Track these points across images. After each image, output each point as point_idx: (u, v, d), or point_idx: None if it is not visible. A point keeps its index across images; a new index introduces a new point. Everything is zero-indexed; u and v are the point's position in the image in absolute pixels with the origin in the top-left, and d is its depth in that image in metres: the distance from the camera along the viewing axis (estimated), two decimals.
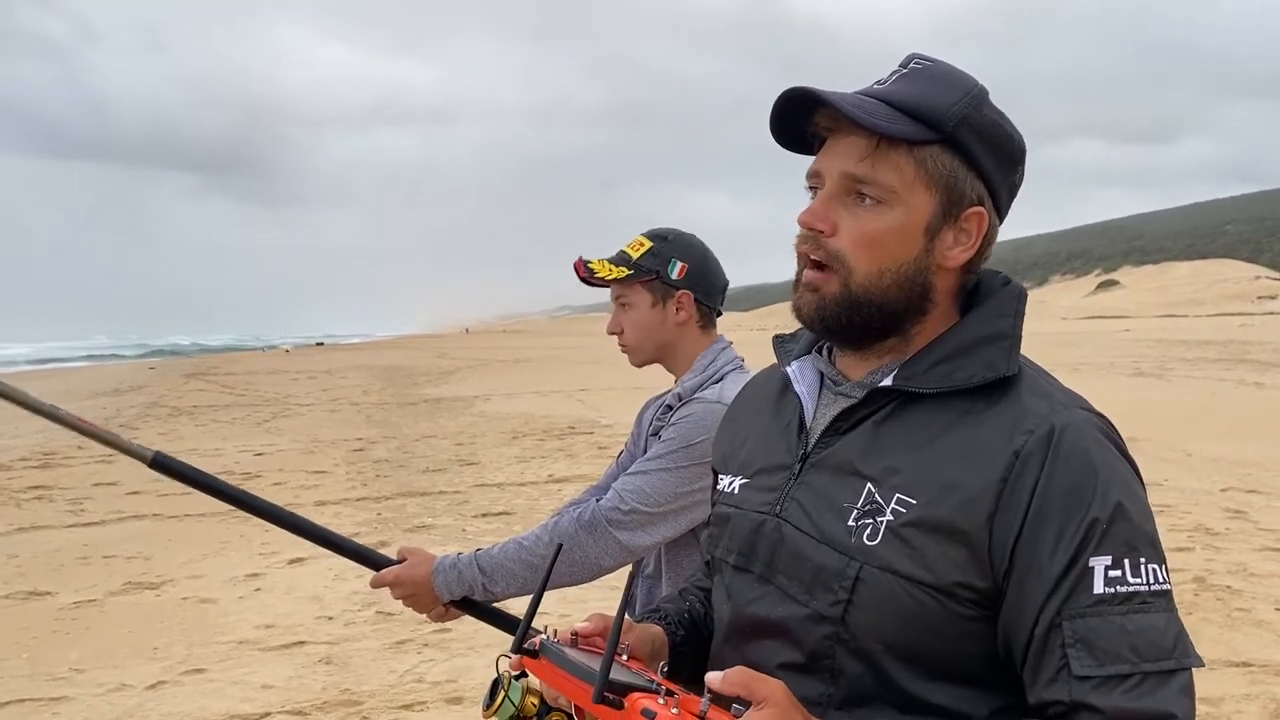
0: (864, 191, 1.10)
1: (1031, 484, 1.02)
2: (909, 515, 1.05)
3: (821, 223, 1.12)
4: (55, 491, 9.45)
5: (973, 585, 1.03)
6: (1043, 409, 1.07)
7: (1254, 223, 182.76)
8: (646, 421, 2.14)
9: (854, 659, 1.08)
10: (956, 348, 1.12)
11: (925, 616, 1.04)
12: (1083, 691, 0.98)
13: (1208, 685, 4.25)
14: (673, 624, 1.31)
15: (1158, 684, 0.97)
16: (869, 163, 1.09)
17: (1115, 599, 0.99)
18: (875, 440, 1.12)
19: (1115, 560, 1.00)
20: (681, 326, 2.08)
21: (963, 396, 1.10)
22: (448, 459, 11.05)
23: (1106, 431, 1.09)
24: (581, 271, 2.08)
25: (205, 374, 28.73)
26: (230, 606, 5.79)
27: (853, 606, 1.07)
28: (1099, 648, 0.98)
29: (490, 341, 53.86)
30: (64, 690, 4.55)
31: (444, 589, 1.89)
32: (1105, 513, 1.01)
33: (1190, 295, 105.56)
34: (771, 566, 1.15)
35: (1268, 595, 5.44)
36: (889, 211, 1.10)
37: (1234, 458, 9.71)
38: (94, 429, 1.65)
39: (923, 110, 1.09)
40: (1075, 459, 1.03)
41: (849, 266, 1.11)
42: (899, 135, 1.08)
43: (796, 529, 1.13)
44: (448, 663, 4.75)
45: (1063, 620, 1.00)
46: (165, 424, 15.40)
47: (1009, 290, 1.17)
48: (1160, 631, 0.99)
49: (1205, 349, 25.90)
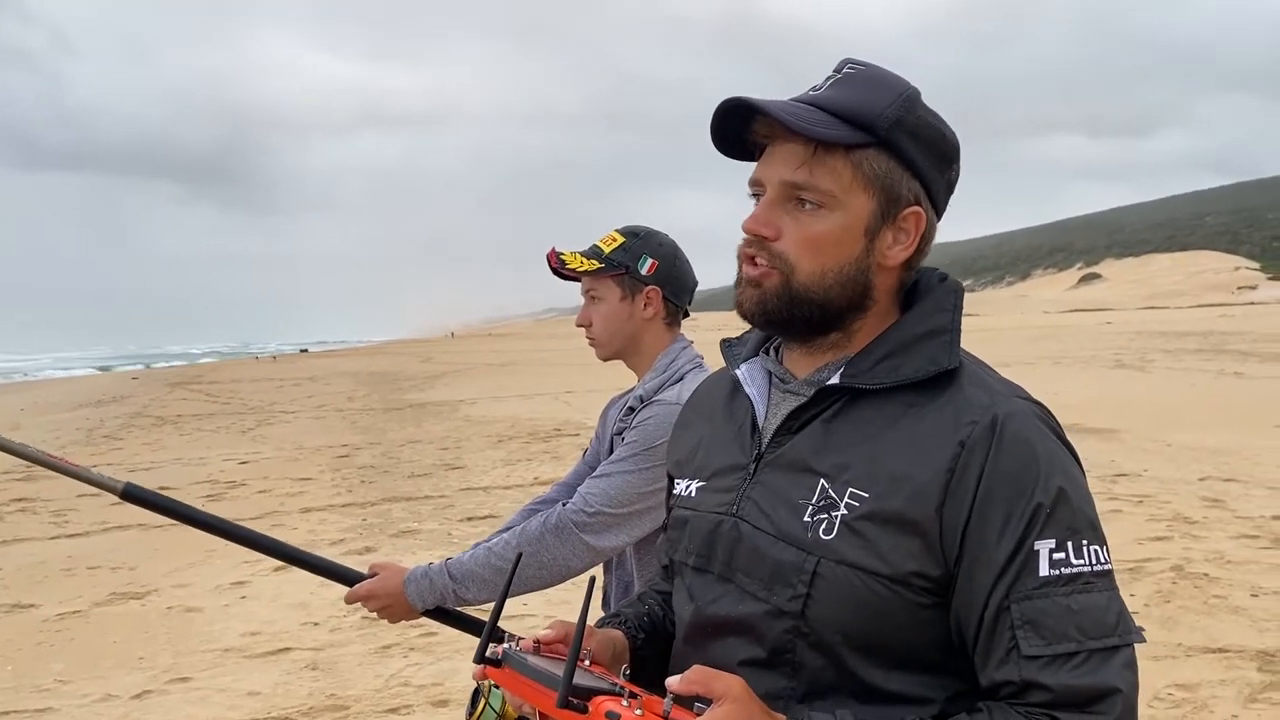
0: (804, 197, 1.13)
1: (977, 473, 1.06)
2: (862, 509, 1.08)
3: (765, 228, 1.15)
4: (39, 504, 9.41)
5: (926, 574, 1.07)
6: (984, 400, 1.10)
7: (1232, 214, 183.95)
8: (610, 421, 2.17)
9: (814, 652, 1.10)
10: (899, 344, 1.15)
11: (882, 607, 1.07)
12: (1032, 670, 1.01)
13: (1185, 671, 4.31)
14: (633, 628, 1.32)
15: (1103, 660, 1.01)
16: (807, 169, 1.12)
17: (1060, 580, 1.03)
18: (826, 438, 1.14)
19: (1059, 543, 1.04)
20: (648, 322, 2.11)
21: (907, 390, 1.13)
22: (433, 464, 11.05)
23: (1045, 419, 1.13)
24: (553, 261, 2.11)
25: (189, 383, 28.60)
26: (216, 615, 5.79)
27: (811, 600, 1.09)
28: (1046, 628, 1.02)
29: (476, 345, 53.78)
30: (49, 701, 4.55)
31: (417, 599, 1.92)
32: (1048, 498, 1.05)
33: (1171, 287, 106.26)
34: (730, 565, 1.17)
35: (1244, 582, 5.51)
36: (829, 215, 1.13)
37: (1213, 447, 9.81)
38: (63, 465, 1.66)
39: (857, 114, 1.11)
40: (1018, 447, 1.07)
41: (791, 265, 1.14)
42: (834, 140, 1.11)
43: (754, 527, 1.15)
44: (433, 666, 4.77)
45: (1011, 603, 1.03)
46: (149, 434, 15.33)
47: (946, 286, 1.20)
48: (1103, 610, 1.03)
49: (1185, 340, 26.10)
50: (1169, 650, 4.56)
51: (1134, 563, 5.91)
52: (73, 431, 15.84)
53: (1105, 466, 9.00)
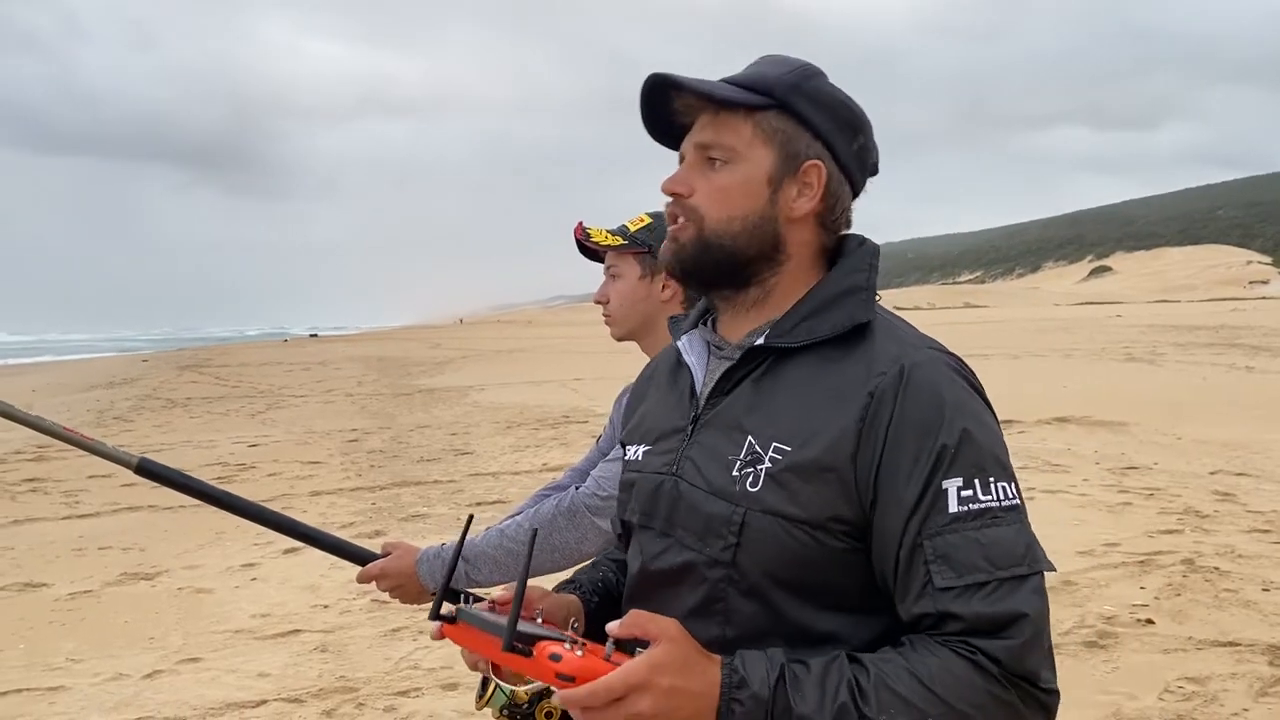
0: (712, 155, 1.25)
1: (886, 419, 1.13)
2: (784, 461, 1.16)
3: (680, 185, 1.27)
4: (50, 484, 9.46)
5: (843, 518, 1.14)
6: (894, 351, 1.18)
7: (1245, 208, 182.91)
8: (624, 407, 2.17)
9: (745, 599, 1.18)
10: (819, 303, 1.24)
11: (805, 552, 1.15)
12: (945, 601, 1.08)
13: (1195, 664, 4.30)
14: (587, 591, 1.41)
15: (1012, 588, 1.08)
16: (711, 129, 1.25)
17: (969, 516, 1.10)
18: (755, 396, 1.23)
19: (966, 481, 1.11)
20: (665, 304, 2.10)
21: (826, 346, 1.21)
22: (442, 449, 11.07)
23: (957, 368, 1.20)
24: (579, 234, 2.11)
25: (199, 366, 28.68)
26: (226, 596, 5.82)
27: (740, 549, 1.17)
28: (957, 561, 1.09)
29: (484, 331, 53.83)
30: (61, 680, 4.57)
31: (429, 579, 1.91)
32: (953, 439, 1.12)
33: (1183, 281, 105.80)
34: (670, 521, 1.25)
35: (1255, 576, 5.49)
36: (734, 169, 1.24)
37: (1223, 441, 9.76)
38: (78, 437, 1.66)
39: (757, 82, 1.24)
40: (924, 393, 1.14)
41: (702, 215, 1.25)
42: (734, 99, 1.23)
43: (691, 484, 1.23)
44: (443, 649, 4.77)
45: (923, 540, 1.10)
46: (159, 416, 15.40)
47: (864, 249, 1.29)
48: (1012, 542, 1.10)
49: (1197, 334, 25.98)
50: (1179, 643, 4.55)
51: (1144, 555, 5.89)
52: (83, 413, 15.91)
53: (1115, 459, 8.97)
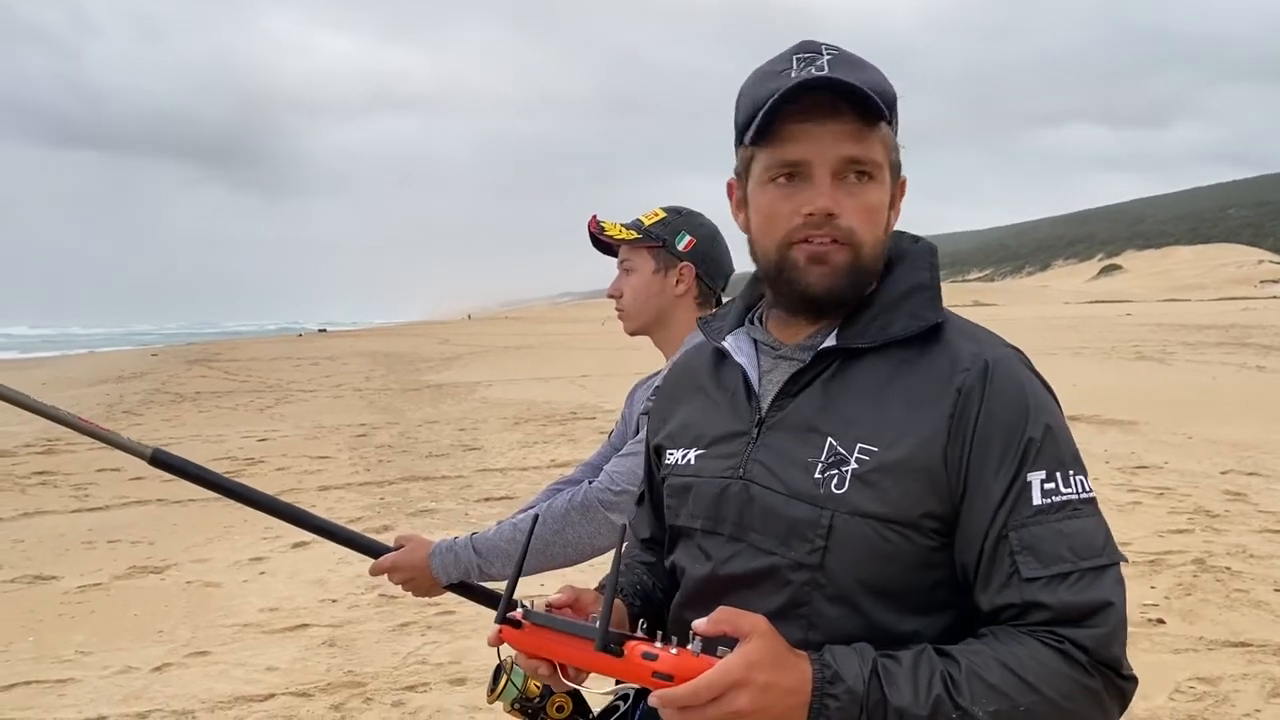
0: (862, 170, 1.20)
1: (975, 415, 1.15)
2: (872, 462, 1.15)
3: (834, 205, 1.19)
4: (59, 477, 9.50)
5: (935, 514, 1.15)
6: (973, 349, 1.19)
7: (1256, 207, 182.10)
8: (637, 402, 2.16)
9: (830, 603, 1.17)
10: (886, 303, 1.24)
11: (894, 552, 1.15)
12: (1032, 591, 1.09)
13: (1207, 665, 4.28)
14: (629, 594, 1.39)
15: (1095, 578, 1.10)
16: (859, 142, 1.19)
17: (1052, 508, 1.12)
18: (827, 398, 1.22)
19: (1049, 474, 1.13)
20: (679, 299, 2.09)
21: (898, 347, 1.21)
22: (450, 444, 11.08)
23: (1028, 364, 1.23)
24: (593, 227, 2.10)
25: (208, 360, 28.77)
26: (234, 590, 5.83)
27: (829, 552, 1.16)
28: (1043, 552, 1.10)
29: (492, 328, 53.88)
30: (70, 672, 4.59)
31: (441, 572, 1.91)
32: (1038, 433, 1.14)
33: (1193, 279, 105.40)
34: (742, 526, 1.23)
35: (1266, 576, 5.46)
36: (877, 186, 1.21)
37: (1234, 440, 9.72)
38: (93, 428, 1.66)
39: (883, 93, 1.19)
40: (1009, 390, 1.16)
41: (859, 240, 1.20)
42: (881, 116, 1.18)
43: (765, 488, 1.21)
44: (451, 645, 4.78)
45: (1009, 531, 1.11)
46: (168, 410, 15.45)
47: (921, 246, 1.30)
48: (1092, 533, 1.12)
49: (1207, 333, 25.88)
50: (1190, 643, 4.52)
51: (1154, 555, 5.86)
52: (92, 406, 15.96)
53: (1125, 458, 8.94)
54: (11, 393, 1.63)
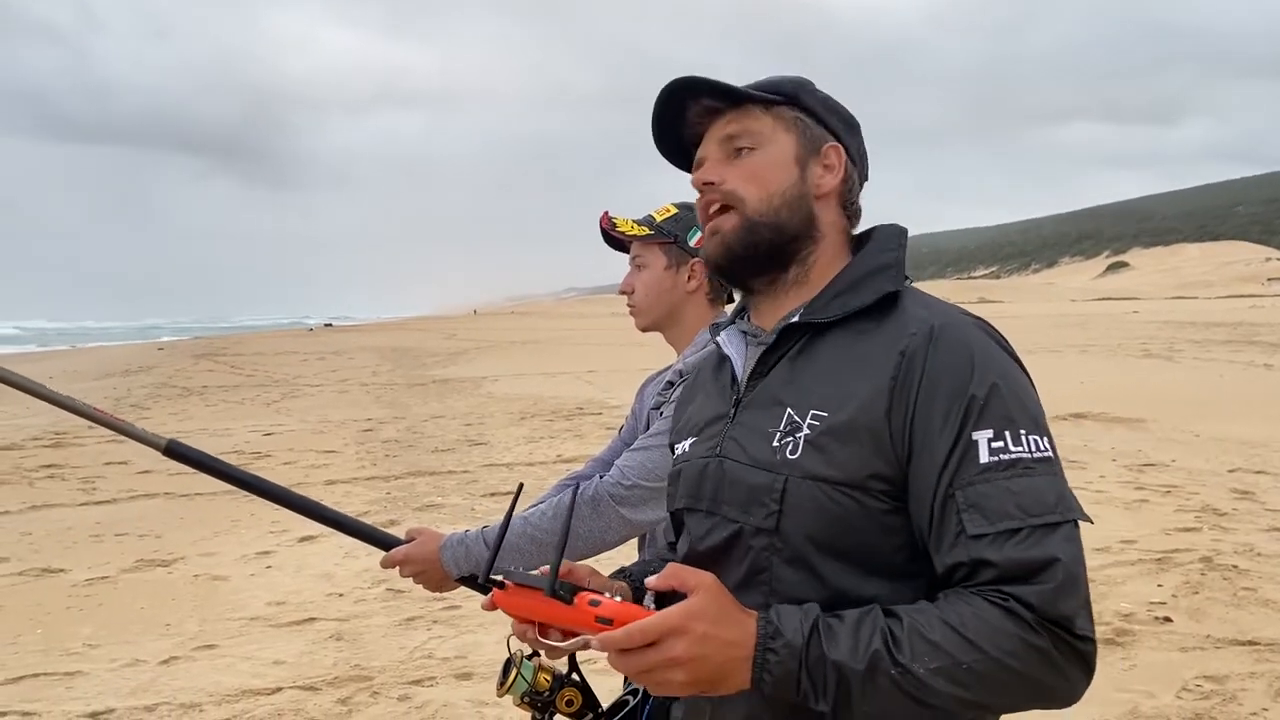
0: (739, 145, 1.32)
1: (918, 376, 1.16)
2: (821, 426, 1.19)
3: (713, 174, 1.32)
4: (67, 470, 9.53)
5: (881, 475, 1.16)
6: (923, 315, 1.22)
7: (1264, 204, 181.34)
8: (648, 397, 2.15)
9: (788, 566, 1.20)
10: (852, 280, 1.29)
11: (846, 515, 1.17)
12: (979, 549, 1.09)
13: (1214, 663, 4.28)
14: (637, 580, 1.43)
15: (1044, 535, 1.09)
16: (735, 123, 1.32)
17: (1000, 466, 1.12)
18: (792, 373, 1.27)
19: (996, 432, 1.13)
20: (690, 295, 2.09)
21: (859, 318, 1.25)
22: (456, 439, 11.09)
23: (986, 329, 1.23)
24: (604, 223, 2.11)
25: (215, 355, 28.83)
26: (241, 584, 5.85)
27: (783, 516, 1.19)
28: (989, 509, 1.10)
29: (498, 323, 53.89)
30: (78, 665, 4.61)
31: (452, 565, 1.91)
32: (982, 391, 1.14)
33: (1200, 277, 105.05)
34: (716, 500, 1.28)
35: (1274, 575, 5.45)
36: (764, 152, 1.31)
37: (1242, 439, 9.69)
38: (108, 418, 1.66)
39: (768, 85, 1.33)
40: (954, 349, 1.17)
41: (741, 198, 1.31)
42: (754, 95, 1.31)
43: (735, 462, 1.27)
44: (457, 639, 4.79)
45: (955, 490, 1.12)
46: (175, 404, 15.49)
47: (890, 228, 1.36)
48: (1043, 491, 1.11)
49: (1214, 331, 25.78)
50: (1197, 642, 4.52)
51: (1161, 553, 5.85)
52: (99, 400, 16.01)
53: (1132, 456, 8.92)
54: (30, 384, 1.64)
